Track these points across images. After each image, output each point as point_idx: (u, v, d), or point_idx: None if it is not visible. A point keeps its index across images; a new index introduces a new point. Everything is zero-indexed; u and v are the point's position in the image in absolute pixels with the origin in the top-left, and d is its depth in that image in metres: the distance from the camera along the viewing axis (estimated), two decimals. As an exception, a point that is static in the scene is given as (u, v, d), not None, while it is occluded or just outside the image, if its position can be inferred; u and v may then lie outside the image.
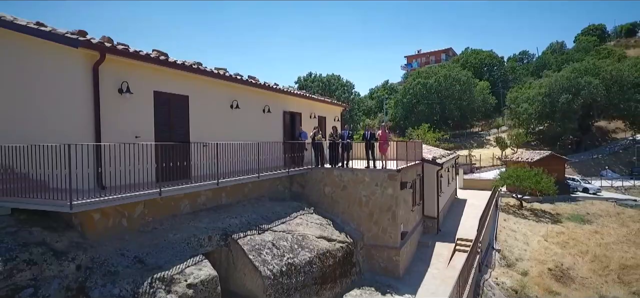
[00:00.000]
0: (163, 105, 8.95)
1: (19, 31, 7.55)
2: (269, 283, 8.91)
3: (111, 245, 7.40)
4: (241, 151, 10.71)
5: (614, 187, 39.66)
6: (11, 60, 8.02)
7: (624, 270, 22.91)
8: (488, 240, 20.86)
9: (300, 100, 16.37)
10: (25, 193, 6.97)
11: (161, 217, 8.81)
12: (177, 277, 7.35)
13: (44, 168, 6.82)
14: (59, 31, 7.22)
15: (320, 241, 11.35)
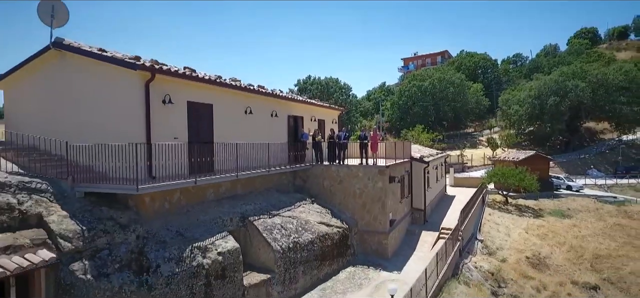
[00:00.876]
0: (194, 112, 11.06)
1: (85, 55, 9.66)
2: (279, 256, 11.03)
3: (158, 222, 9.49)
4: (254, 150, 12.82)
5: (597, 185, 41.86)
6: (78, 76, 10.09)
7: (597, 259, 25.07)
8: (472, 231, 22.99)
9: (302, 106, 18.48)
10: (93, 181, 9.08)
11: (193, 203, 10.90)
12: (209, 246, 9.47)
13: (106, 162, 8.93)
14: (118, 55, 9.31)
15: (320, 226, 13.47)
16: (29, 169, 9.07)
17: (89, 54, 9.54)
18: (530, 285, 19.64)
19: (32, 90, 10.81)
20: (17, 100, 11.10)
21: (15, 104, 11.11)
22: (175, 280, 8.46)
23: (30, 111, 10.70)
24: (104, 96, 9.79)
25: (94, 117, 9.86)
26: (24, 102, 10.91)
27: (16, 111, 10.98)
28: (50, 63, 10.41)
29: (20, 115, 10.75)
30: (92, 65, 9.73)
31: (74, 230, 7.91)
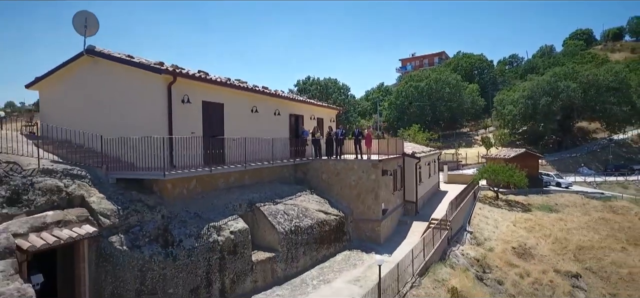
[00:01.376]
0: (208, 111, 12.52)
1: (115, 61, 11.12)
2: (282, 237, 12.50)
3: (178, 205, 10.96)
4: (259, 144, 14.30)
5: (587, 182, 43.41)
6: (108, 78, 11.55)
7: (580, 250, 26.63)
8: (462, 224, 24.46)
9: (302, 105, 19.95)
10: (121, 170, 10.56)
11: (206, 190, 12.36)
12: (223, 226, 10.95)
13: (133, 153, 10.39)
14: (145, 61, 10.78)
15: (319, 213, 14.94)
16: (66, 159, 10.50)
17: (118, 59, 11.02)
18: (514, 272, 21.11)
19: (66, 91, 12.26)
20: (51, 99, 12.55)
21: (49, 102, 12.56)
22: (195, 252, 9.93)
23: (63, 109, 12.14)
24: (131, 96, 11.26)
25: (122, 114, 11.33)
26: (58, 101, 12.36)
27: (50, 109, 12.42)
28: (83, 67, 11.87)
29: (54, 113, 12.18)
30: (121, 69, 11.20)
31: (111, 209, 9.38)
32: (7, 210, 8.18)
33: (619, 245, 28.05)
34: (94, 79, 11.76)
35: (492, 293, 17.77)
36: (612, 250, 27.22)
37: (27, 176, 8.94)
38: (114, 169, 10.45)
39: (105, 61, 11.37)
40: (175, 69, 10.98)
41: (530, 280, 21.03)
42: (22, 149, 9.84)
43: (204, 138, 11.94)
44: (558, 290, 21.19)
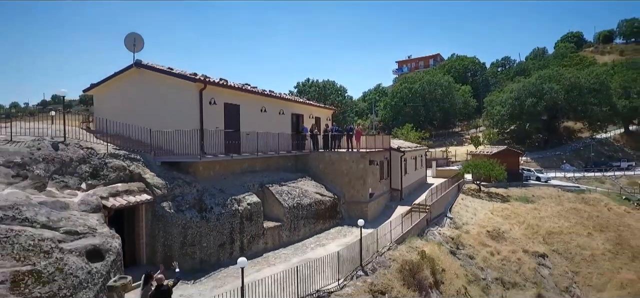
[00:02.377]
0: (228, 110, 15.76)
1: (158, 71, 14.36)
2: (287, 211, 15.75)
3: (207, 183, 14.20)
4: (267, 138, 17.54)
5: (566, 177, 46.63)
6: (152, 85, 14.81)
7: (549, 235, 29.87)
8: (443, 210, 27.69)
9: (302, 106, 23.20)
10: (163, 155, 13.80)
11: (226, 173, 15.60)
12: (241, 199, 14.20)
13: (173, 143, 13.63)
14: (182, 72, 14.04)
15: (316, 195, 18.18)
16: (122, 147, 13.70)
17: (161, 71, 14.27)
18: (485, 250, 24.34)
19: (116, 95, 15.48)
20: (104, 101, 15.77)
21: (102, 104, 15.76)
22: (222, 217, 13.17)
23: (113, 109, 15.32)
24: (171, 98, 14.51)
25: (163, 113, 14.55)
26: (110, 103, 15.57)
27: (103, 109, 15.60)
28: (131, 77, 15.11)
29: (106, 112, 15.38)
30: (163, 78, 14.45)
31: (161, 183, 12.63)
32: (91, 182, 11.42)
33: (586, 231, 31.29)
34: (140, 85, 15.01)
35: (462, 265, 21.01)
36: (578, 235, 30.46)
37: (101, 158, 12.18)
38: (158, 155, 13.70)
39: (150, 71, 14.63)
40: (206, 78, 14.24)
41: (499, 257, 24.25)
42: (88, 139, 13.08)
43: (225, 132, 15.19)
44: (524, 267, 24.39)
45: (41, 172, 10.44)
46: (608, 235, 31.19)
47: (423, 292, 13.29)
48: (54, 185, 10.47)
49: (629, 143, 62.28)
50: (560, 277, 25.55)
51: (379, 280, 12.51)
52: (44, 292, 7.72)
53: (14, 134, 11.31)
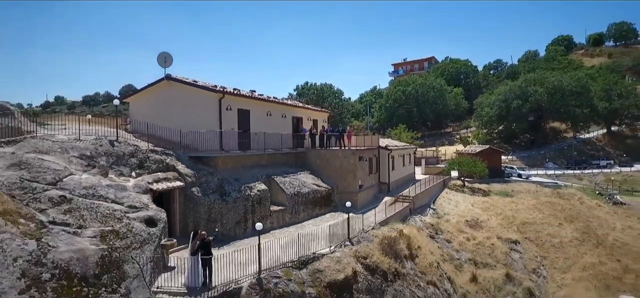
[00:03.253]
0: (241, 115, 19.11)
1: (185, 84, 17.69)
2: (289, 197, 19.11)
3: (225, 173, 17.55)
4: (272, 138, 20.90)
5: (547, 175, 50.12)
6: (182, 95, 18.17)
7: (523, 225, 33.26)
8: (427, 202, 31.07)
9: (301, 110, 26.57)
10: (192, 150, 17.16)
11: (239, 166, 18.94)
12: (252, 186, 17.57)
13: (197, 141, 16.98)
14: (205, 84, 17.38)
15: (313, 185, 21.54)
16: (157, 145, 17.02)
17: (187, 83, 17.63)
18: (462, 236, 27.70)
19: (149, 102, 18.82)
20: (138, 108, 19.10)
21: (136, 110, 19.09)
22: (238, 200, 16.52)
23: (146, 114, 18.63)
24: (195, 105, 17.87)
25: (189, 117, 17.90)
26: (143, 109, 18.89)
27: (137, 114, 18.92)
28: (162, 87, 18.47)
29: (140, 116, 18.69)
30: (189, 89, 17.81)
31: (190, 172, 15.98)
32: (139, 171, 14.76)
33: (557, 222, 34.73)
34: (169, 95, 18.38)
35: (439, 247, 24.38)
36: (550, 225, 33.90)
37: (144, 153, 15.53)
38: (186, 151, 17.06)
39: (178, 83, 17.99)
40: (223, 89, 17.62)
41: (474, 242, 27.60)
42: (130, 138, 16.42)
43: (238, 132, 18.55)
44: (496, 251, 27.74)
45: (104, 163, 13.80)
46: (577, 225, 34.63)
47: (398, 260, 16.63)
48: (113, 173, 13.82)
49: (610, 143, 65.86)
50: (529, 260, 28.91)
51: (362, 249, 15.87)
52: (122, 244, 11.04)
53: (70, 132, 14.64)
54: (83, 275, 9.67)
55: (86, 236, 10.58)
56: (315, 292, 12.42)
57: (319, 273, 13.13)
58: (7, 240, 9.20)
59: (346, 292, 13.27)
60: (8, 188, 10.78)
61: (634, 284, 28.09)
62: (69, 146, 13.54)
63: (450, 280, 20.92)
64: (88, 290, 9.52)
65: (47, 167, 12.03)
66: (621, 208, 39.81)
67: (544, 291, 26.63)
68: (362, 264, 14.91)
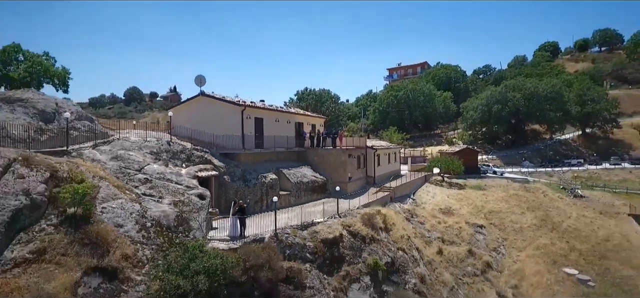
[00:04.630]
0: (256, 122, 25.02)
1: (215, 99, 23.59)
2: (293, 185, 25.06)
3: (246, 166, 23.47)
4: (280, 139, 26.81)
5: (521, 172, 56.05)
6: (209, 105, 24.06)
7: (490, 213, 39.16)
8: (408, 193, 36.97)
9: (302, 116, 32.46)
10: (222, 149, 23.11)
11: (256, 161, 24.85)
12: (266, 175, 23.53)
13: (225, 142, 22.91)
14: (231, 99, 23.28)
15: (312, 177, 27.45)
16: (196, 145, 22.87)
17: (217, 98, 23.52)
18: (435, 220, 33.59)
19: (187, 112, 24.70)
20: (177, 117, 24.96)
21: (177, 118, 24.95)
22: (256, 185, 22.43)
23: (184, 122, 24.47)
24: (223, 115, 23.76)
25: (218, 123, 23.78)
26: (181, 118, 24.73)
27: (177, 122, 24.77)
28: (198, 102, 24.37)
29: (178, 123, 24.51)
30: (218, 103, 23.71)
31: (222, 165, 21.90)
32: (187, 163, 20.65)
33: (520, 211, 40.62)
34: (203, 107, 24.29)
35: (413, 227, 30.26)
36: (513, 213, 39.79)
37: (189, 151, 21.43)
38: (218, 149, 22.98)
39: (209, 98, 23.88)
40: (245, 102, 23.53)
41: (445, 225, 33.49)
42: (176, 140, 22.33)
43: (255, 135, 24.47)
44: (463, 232, 33.62)
45: (165, 157, 19.70)
46: (537, 213, 40.53)
47: (374, 230, 22.50)
48: (171, 164, 19.71)
49: (584, 143, 71.93)
50: (491, 241, 34.80)
51: (348, 220, 21.74)
52: (186, 209, 16.89)
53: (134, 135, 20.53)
54: (167, 225, 15.54)
55: (165, 203, 16.47)
56: (312, 244, 18.29)
57: (315, 233, 19.02)
58: (123, 203, 15.06)
59: (335, 246, 19.15)
60: (114, 172, 16.68)
61: (576, 260, 33.99)
62: (142, 145, 19.45)
63: (419, 250, 26.80)
64: (171, 234, 15.38)
65: (133, 159, 17.94)
66: (580, 201, 45.65)
67: (500, 264, 32.56)
68: (347, 230, 20.79)
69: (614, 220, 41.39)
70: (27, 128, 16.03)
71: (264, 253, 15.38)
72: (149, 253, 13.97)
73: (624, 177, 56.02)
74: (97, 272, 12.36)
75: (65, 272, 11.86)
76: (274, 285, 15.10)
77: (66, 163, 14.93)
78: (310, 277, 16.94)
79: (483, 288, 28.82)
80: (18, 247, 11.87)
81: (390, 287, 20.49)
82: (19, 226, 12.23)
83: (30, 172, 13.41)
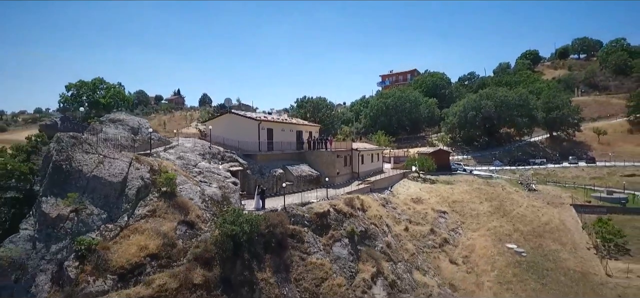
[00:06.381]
0: (268, 131, 34.19)
1: (236, 114, 32.77)
2: (295, 178, 34.31)
3: (261, 163, 32.68)
4: (285, 144, 36.02)
5: (489, 170, 65.19)
6: (235, 120, 33.20)
7: (453, 202, 48.33)
8: (386, 186, 46.14)
9: (301, 126, 41.62)
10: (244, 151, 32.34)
11: (268, 160, 34.02)
12: (277, 170, 32.83)
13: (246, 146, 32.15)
14: (251, 115, 32.41)
15: (309, 172, 36.65)
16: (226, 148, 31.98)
17: (241, 115, 32.68)
18: (406, 206, 42.78)
19: (218, 125, 33.80)
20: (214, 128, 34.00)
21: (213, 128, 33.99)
22: (269, 177, 31.64)
23: (217, 132, 33.50)
24: (245, 128, 32.91)
25: (241, 132, 32.91)
26: (215, 129, 33.75)
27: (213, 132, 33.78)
28: (227, 117, 33.52)
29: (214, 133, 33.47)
30: (242, 118, 32.89)
31: (245, 163, 31.10)
32: (222, 161, 29.83)
33: (479, 201, 49.81)
34: (232, 120, 33.42)
35: (387, 211, 39.42)
36: (473, 203, 48.97)
37: (222, 152, 30.61)
38: (241, 151, 32.16)
39: (235, 115, 33.02)
40: (260, 118, 32.70)
41: (414, 211, 42.71)
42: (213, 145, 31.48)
43: (267, 141, 33.68)
44: (428, 216, 42.81)
45: (208, 157, 28.86)
46: (493, 203, 49.72)
47: (353, 209, 31.61)
48: (212, 162, 28.85)
49: (551, 145, 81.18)
50: (451, 223, 43.98)
51: (334, 202, 30.85)
52: (227, 190, 25.97)
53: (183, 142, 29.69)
54: (217, 200, 24.64)
55: (213, 187, 25.59)
56: (309, 215, 27.41)
57: (311, 209, 28.15)
58: (191, 186, 24.14)
59: (324, 218, 28.26)
60: (181, 167, 25.82)
61: (517, 239, 43.10)
62: (193, 149, 28.63)
63: (389, 226, 35.99)
64: (219, 205, 24.46)
65: (190, 158, 27.10)
66: (533, 194, 54.83)
67: (456, 241, 41.74)
68: (333, 208, 29.91)
69: (557, 209, 50.60)
70: (127, 139, 25.14)
71: (277, 218, 24.53)
72: (208, 216, 23.09)
73: (577, 174, 65.32)
74: (183, 223, 21.45)
75: (168, 222, 20.96)
76: (284, 237, 24.23)
77: (155, 161, 24.07)
78: (307, 236, 26.06)
79: (439, 257, 38.08)
80: (141, 208, 20.97)
81: (363, 247, 29.63)
82: (140, 197, 21.32)
83: (140, 166, 22.54)
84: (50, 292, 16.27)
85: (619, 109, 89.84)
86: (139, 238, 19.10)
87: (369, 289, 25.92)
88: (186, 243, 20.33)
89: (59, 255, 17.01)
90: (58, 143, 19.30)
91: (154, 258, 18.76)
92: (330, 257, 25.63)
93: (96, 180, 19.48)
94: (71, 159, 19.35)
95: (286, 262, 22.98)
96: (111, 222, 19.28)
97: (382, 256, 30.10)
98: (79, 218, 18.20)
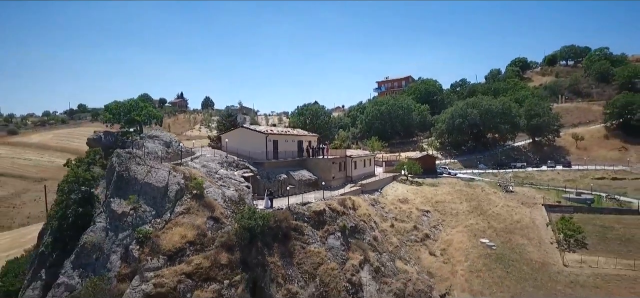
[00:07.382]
0: (274, 143, 40.43)
1: (247, 128, 39.01)
2: (296, 181, 40.60)
3: (268, 169, 38.94)
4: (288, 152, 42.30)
5: (474, 173, 71.37)
6: (246, 133, 39.45)
7: (436, 202, 54.53)
8: (377, 188, 52.36)
9: (302, 136, 47.86)
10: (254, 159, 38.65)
11: (274, 166, 40.26)
12: (281, 175, 39.14)
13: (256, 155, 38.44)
14: (259, 129, 38.63)
15: (309, 177, 42.89)
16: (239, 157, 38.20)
17: (251, 129, 38.93)
18: (393, 206, 49.00)
19: (233, 137, 40.00)
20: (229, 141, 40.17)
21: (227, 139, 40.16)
22: (275, 181, 37.91)
23: (231, 143, 39.65)
24: (254, 140, 39.15)
25: (251, 144, 39.16)
26: (231, 141, 39.91)
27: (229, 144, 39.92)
28: (239, 131, 39.77)
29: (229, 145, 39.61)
30: (252, 132, 39.15)
31: (255, 169, 37.37)
32: (236, 168, 36.09)
33: (459, 201, 56.01)
34: (243, 133, 39.64)
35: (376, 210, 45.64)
36: (453, 203, 55.18)
37: (235, 161, 36.87)
38: (251, 160, 38.43)
39: (246, 129, 39.24)
40: (267, 131, 38.94)
41: (400, 210, 48.94)
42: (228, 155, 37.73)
43: (273, 150, 39.95)
44: (412, 215, 49.05)
45: (225, 165, 35.11)
46: (472, 203, 55.93)
47: (345, 208, 37.80)
48: (229, 169, 35.09)
49: (533, 149, 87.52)
50: (433, 221, 50.23)
51: (329, 202, 37.03)
52: (242, 192, 32.19)
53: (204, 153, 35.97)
54: (235, 200, 30.82)
55: (231, 190, 31.81)
56: (308, 213, 33.60)
57: (310, 208, 34.35)
58: (214, 189, 30.32)
59: (320, 215, 34.43)
60: (205, 174, 32.04)
61: (490, 234, 49.26)
62: (213, 159, 34.86)
63: (376, 223, 42.22)
64: (236, 204, 30.66)
65: (211, 166, 33.33)
66: (510, 195, 61.06)
67: (436, 236, 47.99)
68: (328, 207, 36.10)
69: (530, 208, 56.81)
70: (162, 151, 31.35)
71: (283, 215, 30.75)
72: (229, 213, 29.31)
73: (552, 177, 71.60)
74: (211, 219, 27.64)
75: (199, 217, 27.16)
76: (288, 230, 30.45)
77: (186, 169, 30.30)
78: (307, 229, 32.27)
79: (420, 249, 44.31)
80: (178, 207, 27.17)
81: (353, 239, 35.84)
82: (177, 198, 27.51)
83: (176, 173, 28.76)
84: (121, 267, 22.47)
85: (598, 115, 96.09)
86: (180, 230, 25.32)
87: (357, 273, 32.11)
88: (214, 233, 26.53)
89: (124, 241, 23.22)
90: (118, 157, 25.52)
91: (191, 244, 24.98)
92: (326, 246, 31.82)
93: (147, 185, 25.70)
94: (128, 169, 25.57)
95: (290, 250, 29.16)
96: (158, 217, 25.49)
97: (369, 247, 36.25)
98: (137, 214, 24.41)
